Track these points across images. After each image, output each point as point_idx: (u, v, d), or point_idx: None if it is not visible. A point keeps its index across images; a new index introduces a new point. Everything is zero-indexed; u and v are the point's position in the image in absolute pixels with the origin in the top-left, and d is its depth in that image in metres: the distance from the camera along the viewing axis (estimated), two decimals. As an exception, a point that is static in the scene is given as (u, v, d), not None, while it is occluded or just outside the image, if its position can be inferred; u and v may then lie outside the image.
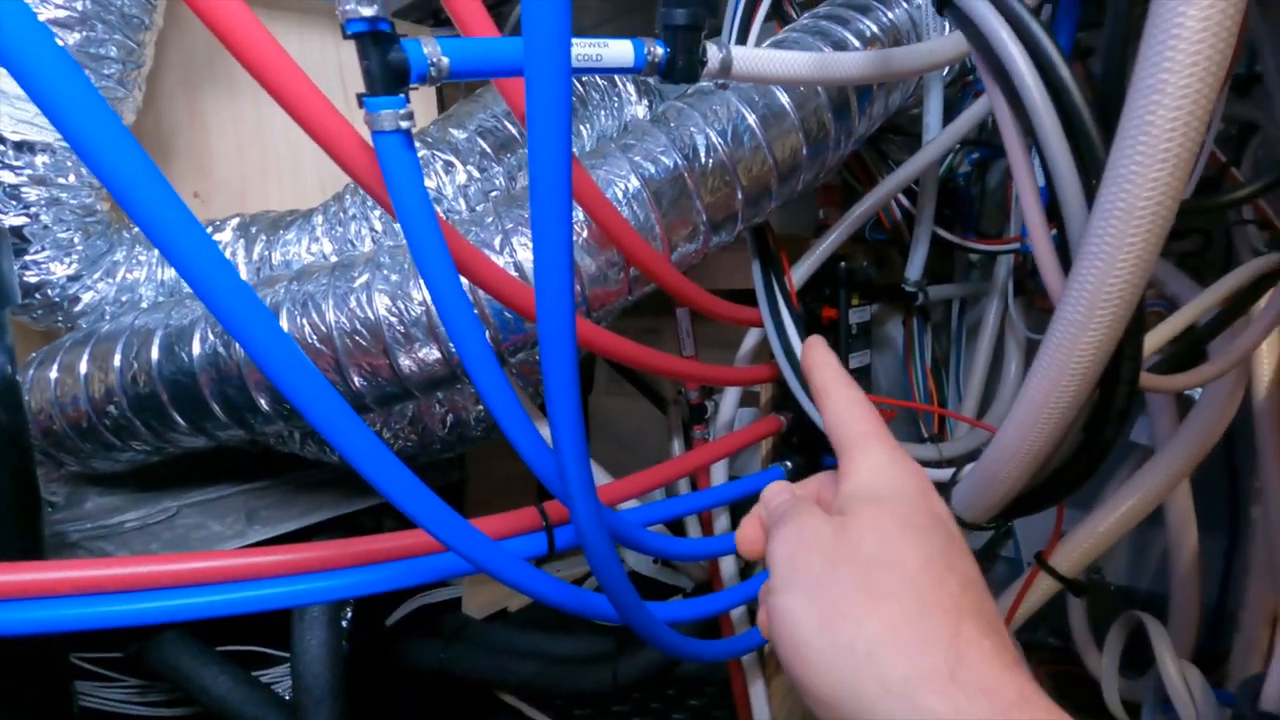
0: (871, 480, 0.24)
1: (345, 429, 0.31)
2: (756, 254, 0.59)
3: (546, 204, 0.28)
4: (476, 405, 0.64)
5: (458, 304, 0.35)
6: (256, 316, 0.27)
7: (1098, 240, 0.21)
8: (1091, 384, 0.24)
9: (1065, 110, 0.23)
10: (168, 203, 0.25)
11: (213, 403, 0.49)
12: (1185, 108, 0.19)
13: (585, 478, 0.37)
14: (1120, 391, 0.25)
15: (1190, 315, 0.32)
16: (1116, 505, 0.42)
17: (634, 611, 0.44)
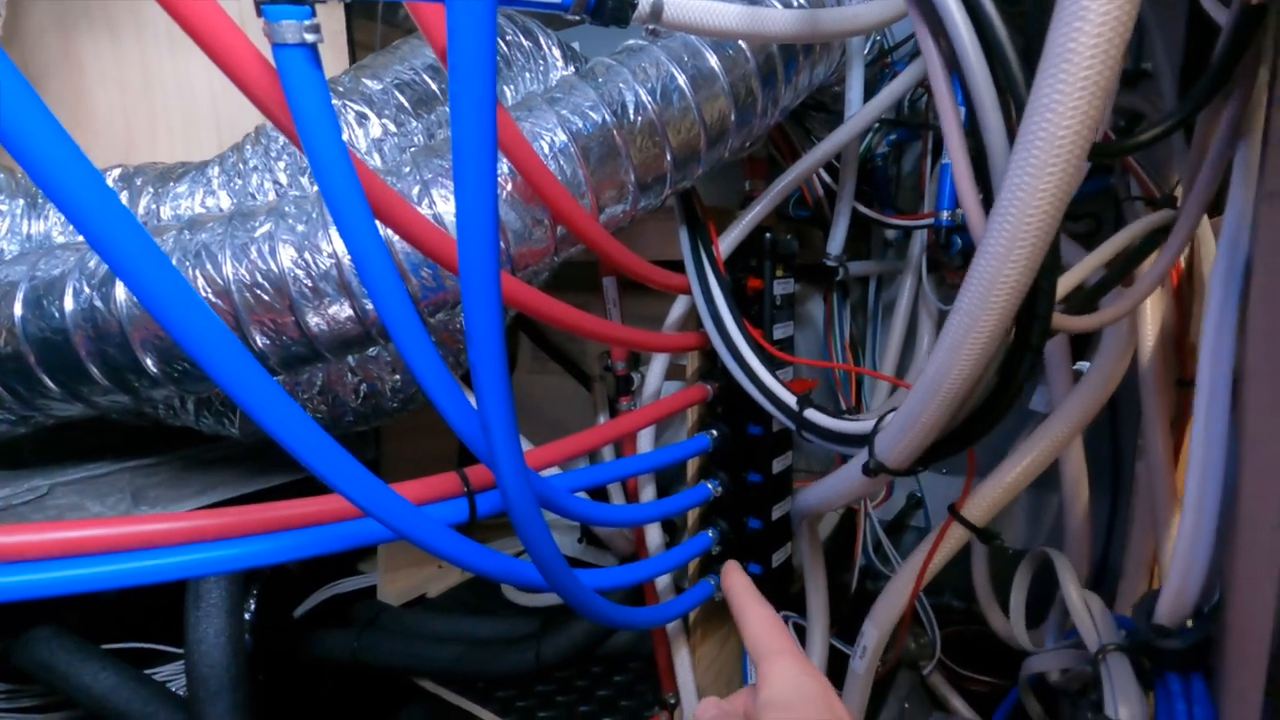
0: (783, 690, 0.29)
1: (251, 382, 0.28)
2: (684, 220, 0.59)
3: (469, 144, 0.27)
4: (393, 374, 0.61)
5: (373, 249, 0.32)
6: (151, 260, 0.25)
7: (1020, 170, 0.22)
8: (1010, 318, 0.25)
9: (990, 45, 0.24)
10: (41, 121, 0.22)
11: (89, 364, 0.44)
12: (1104, 34, 0.20)
13: (511, 436, 0.36)
14: (1035, 329, 0.25)
15: (1082, 273, 0.34)
16: (1019, 459, 0.44)
17: (562, 578, 0.43)
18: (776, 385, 0.50)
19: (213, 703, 0.58)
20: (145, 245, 0.24)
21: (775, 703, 0.28)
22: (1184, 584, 0.23)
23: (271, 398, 0.29)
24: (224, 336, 0.27)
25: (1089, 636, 0.26)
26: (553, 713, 0.78)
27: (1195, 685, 0.24)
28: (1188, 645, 0.23)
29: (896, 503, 1.02)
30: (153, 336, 0.43)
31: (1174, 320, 0.52)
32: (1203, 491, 0.23)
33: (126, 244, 0.24)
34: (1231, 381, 0.24)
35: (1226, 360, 0.24)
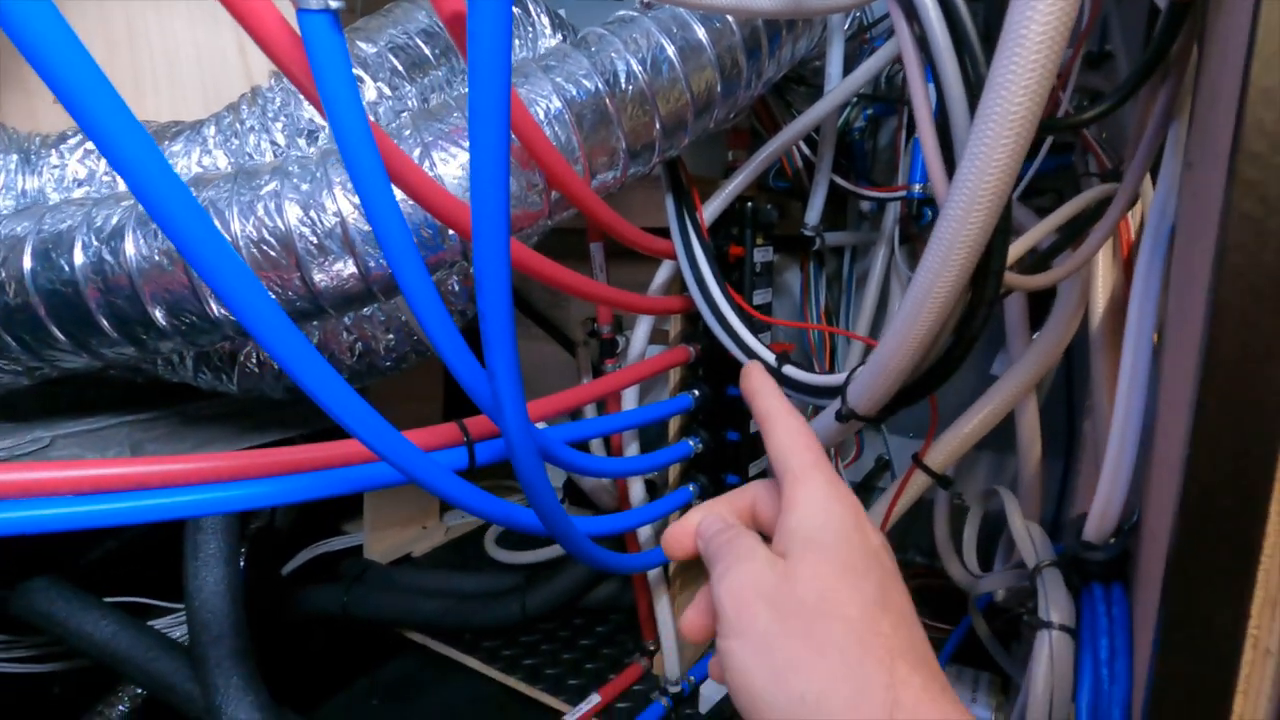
0: (813, 517, 0.26)
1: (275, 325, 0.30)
2: (670, 188, 0.61)
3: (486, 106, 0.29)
4: (386, 334, 0.63)
5: (388, 208, 0.34)
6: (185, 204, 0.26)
7: (978, 141, 0.25)
8: (968, 273, 0.28)
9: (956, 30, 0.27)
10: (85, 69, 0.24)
11: (99, 316, 0.45)
12: (1051, 25, 0.23)
13: (516, 390, 0.38)
14: (989, 283, 0.29)
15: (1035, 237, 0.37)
16: (977, 411, 0.48)
17: (559, 522, 0.46)
18: (757, 344, 0.54)
19: (214, 647, 0.61)
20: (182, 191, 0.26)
21: (803, 534, 0.26)
22: (1108, 505, 0.27)
23: (294, 340, 0.31)
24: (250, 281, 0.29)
25: (1029, 557, 0.29)
26: (537, 660, 0.82)
27: (1115, 591, 0.28)
28: (1109, 557, 0.27)
29: (865, 465, 1.07)
30: (162, 290, 0.44)
31: (1122, 287, 0.56)
32: (1126, 423, 0.26)
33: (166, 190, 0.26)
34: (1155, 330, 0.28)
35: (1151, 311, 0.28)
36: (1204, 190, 0.23)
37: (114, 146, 0.24)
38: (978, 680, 0.61)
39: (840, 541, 0.25)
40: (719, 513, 0.31)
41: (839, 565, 0.25)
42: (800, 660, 0.23)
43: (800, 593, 0.24)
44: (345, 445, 0.42)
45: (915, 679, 0.22)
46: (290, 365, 0.31)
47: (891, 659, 0.22)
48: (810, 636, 0.23)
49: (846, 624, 0.23)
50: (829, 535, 0.25)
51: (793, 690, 0.22)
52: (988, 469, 1.00)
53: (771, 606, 0.24)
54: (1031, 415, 0.57)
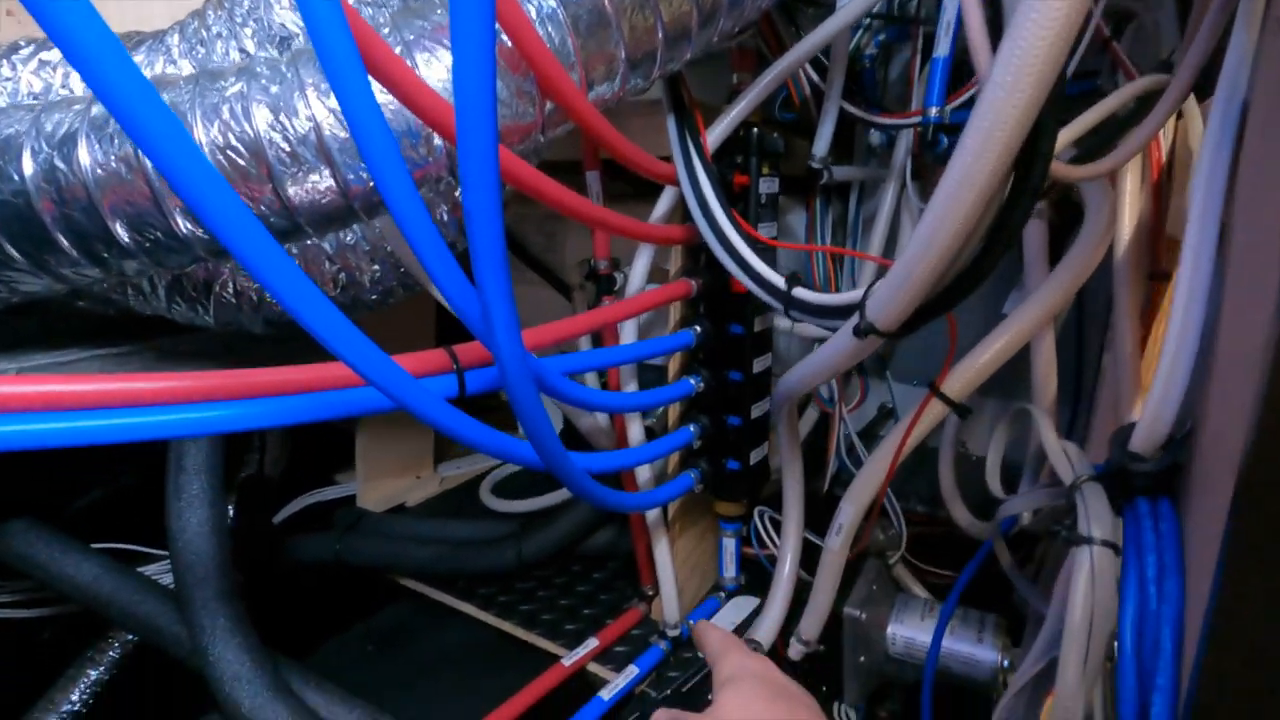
0: (730, 669, 0.36)
1: (251, 236, 0.27)
2: (672, 108, 0.58)
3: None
4: (371, 265, 0.60)
5: (366, 105, 0.31)
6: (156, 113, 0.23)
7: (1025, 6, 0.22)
8: (1013, 153, 0.25)
9: None
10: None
11: (55, 231, 0.42)
12: None
13: (509, 313, 0.35)
14: (1036, 168, 0.26)
15: (1073, 133, 0.34)
16: (996, 338, 0.45)
17: (556, 455, 0.44)
18: (765, 268, 0.51)
19: (200, 588, 0.59)
20: (145, 88, 0.23)
21: (723, 681, 0.36)
22: (1159, 413, 0.24)
23: (272, 252, 0.28)
24: (224, 189, 0.26)
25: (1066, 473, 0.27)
26: (533, 606, 0.81)
27: (1162, 506, 0.26)
28: (1159, 469, 0.25)
29: (868, 413, 1.05)
30: (123, 202, 0.41)
31: (1151, 213, 0.53)
32: (1185, 324, 0.24)
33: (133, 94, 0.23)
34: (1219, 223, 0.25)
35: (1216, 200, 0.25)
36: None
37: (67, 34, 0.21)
38: (984, 621, 0.60)
39: (752, 679, 0.35)
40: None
41: (755, 694, 0.34)
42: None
43: (725, 715, 0.33)
44: (332, 368, 0.39)
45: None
46: (269, 280, 0.28)
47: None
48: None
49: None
50: (741, 675, 0.36)
51: None
52: (994, 415, 0.98)
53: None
54: (1048, 350, 0.55)
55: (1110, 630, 0.25)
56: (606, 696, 0.62)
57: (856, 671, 0.61)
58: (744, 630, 0.68)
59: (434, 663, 0.76)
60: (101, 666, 0.75)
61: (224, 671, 0.56)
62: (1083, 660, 0.23)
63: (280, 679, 0.58)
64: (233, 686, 0.56)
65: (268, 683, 0.57)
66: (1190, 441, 0.25)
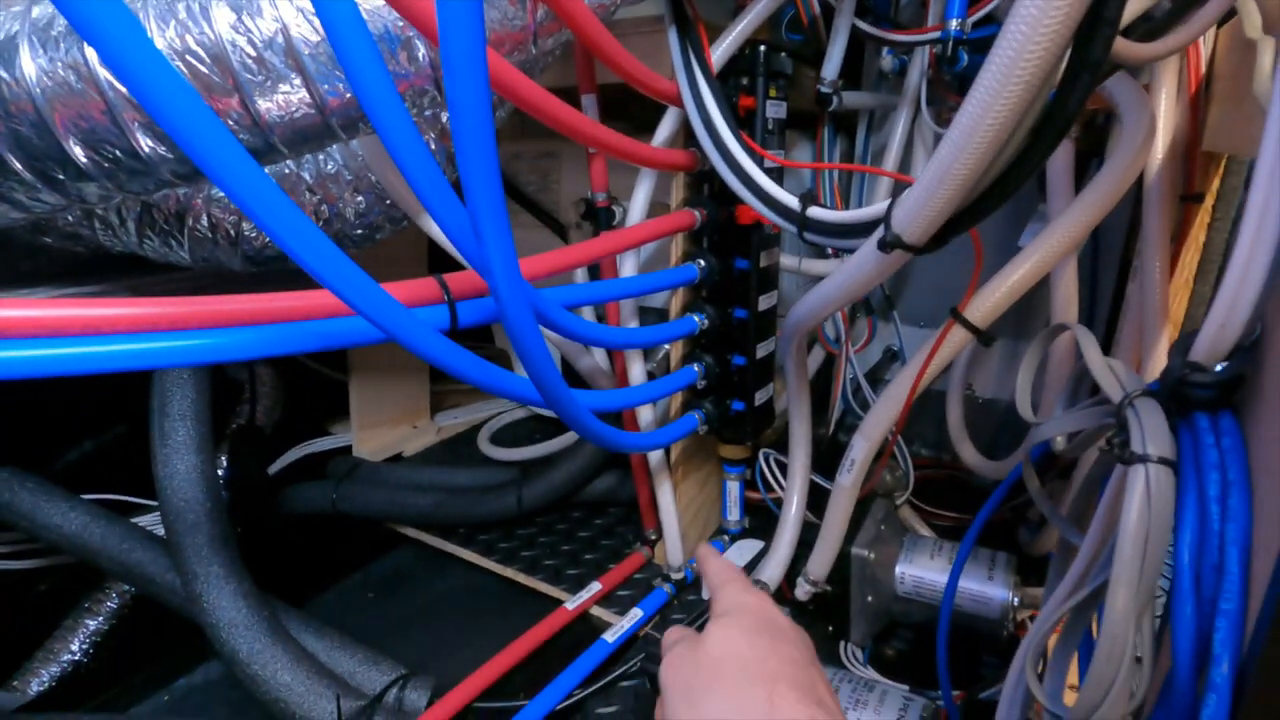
0: (727, 603, 0.37)
1: (222, 147, 0.24)
2: (674, 20, 0.53)
3: None
4: (355, 196, 0.56)
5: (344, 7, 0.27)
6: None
7: None
8: (1075, 23, 0.22)
9: None
10: None
11: (7, 154, 0.38)
12: None
13: (504, 235, 0.32)
14: (1101, 34, 0.22)
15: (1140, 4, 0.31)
16: (1021, 262, 0.43)
17: (557, 389, 0.41)
18: (776, 189, 0.47)
19: (191, 535, 0.57)
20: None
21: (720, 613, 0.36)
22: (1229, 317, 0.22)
23: (247, 169, 0.25)
24: (189, 94, 0.23)
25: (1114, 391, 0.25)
26: (535, 552, 0.80)
27: (1224, 421, 0.24)
28: (1224, 379, 0.22)
29: (872, 356, 1.03)
30: (75, 117, 0.37)
31: (1188, 129, 0.49)
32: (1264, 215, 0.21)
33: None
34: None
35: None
36: None
37: None
38: (994, 559, 0.58)
39: (743, 614, 0.35)
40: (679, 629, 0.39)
41: (741, 627, 0.34)
42: (706, 690, 0.32)
43: (710, 647, 0.34)
44: (318, 296, 0.36)
45: (791, 694, 0.30)
46: (246, 199, 0.25)
47: (773, 683, 0.31)
48: (716, 673, 0.32)
49: (740, 662, 0.33)
50: (737, 611, 0.36)
51: (700, 712, 0.31)
52: (1002, 357, 0.95)
53: (691, 661, 0.34)
54: (1070, 281, 0.52)
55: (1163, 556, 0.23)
56: (611, 639, 0.62)
57: (864, 611, 0.60)
58: (749, 573, 0.67)
59: (435, 609, 0.75)
60: (100, 616, 0.74)
61: (220, 618, 0.55)
62: (1135, 586, 0.21)
63: (278, 624, 0.57)
64: (230, 633, 0.55)
65: (265, 629, 0.55)
66: (1258, 350, 0.23)
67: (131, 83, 0.22)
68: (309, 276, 0.29)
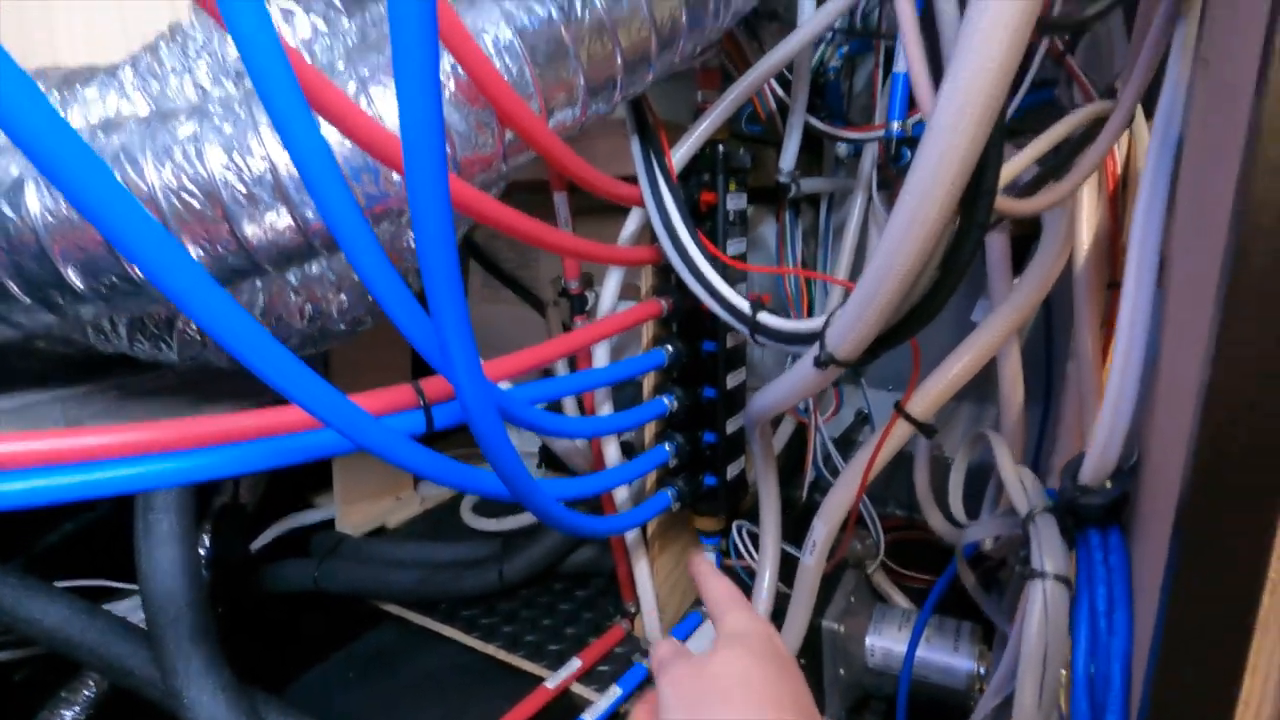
0: (733, 627, 0.36)
1: (193, 284, 0.27)
2: (636, 129, 0.58)
3: (410, 31, 0.25)
4: (338, 294, 0.59)
5: (313, 148, 0.31)
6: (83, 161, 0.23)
7: (969, 35, 0.22)
8: (958, 191, 0.25)
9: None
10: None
11: (6, 280, 0.41)
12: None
13: (468, 346, 0.35)
14: (981, 205, 0.26)
15: (1022, 162, 0.35)
16: (960, 356, 0.46)
17: (525, 486, 0.44)
18: (730, 292, 0.51)
19: (172, 628, 0.58)
20: (70, 140, 0.23)
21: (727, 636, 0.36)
22: (1107, 444, 0.25)
23: (217, 301, 0.28)
24: (161, 236, 0.26)
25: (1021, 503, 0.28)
26: (516, 628, 0.81)
27: (1112, 537, 0.26)
28: (1108, 501, 0.25)
29: (845, 419, 1.06)
30: (74, 248, 0.40)
31: (1108, 224, 0.54)
32: (1128, 356, 0.24)
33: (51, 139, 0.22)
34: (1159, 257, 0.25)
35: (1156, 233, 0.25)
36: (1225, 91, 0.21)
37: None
38: (959, 630, 0.60)
39: (752, 641, 0.35)
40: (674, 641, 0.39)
41: (751, 654, 0.34)
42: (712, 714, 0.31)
43: (719, 670, 0.34)
44: (291, 411, 0.39)
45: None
46: (214, 327, 0.28)
47: (780, 711, 0.31)
48: (723, 698, 0.32)
49: (747, 687, 0.32)
50: (744, 637, 0.35)
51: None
52: (968, 420, 0.99)
53: (697, 681, 0.33)
54: (1014, 361, 0.55)
55: (1060, 663, 0.25)
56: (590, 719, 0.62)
57: (836, 684, 0.61)
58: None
59: (418, 688, 0.75)
60: (76, 707, 0.74)
61: (199, 714, 0.55)
62: (1038, 696, 0.23)
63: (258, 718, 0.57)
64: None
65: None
66: (1138, 472, 0.26)
67: (95, 219, 0.24)
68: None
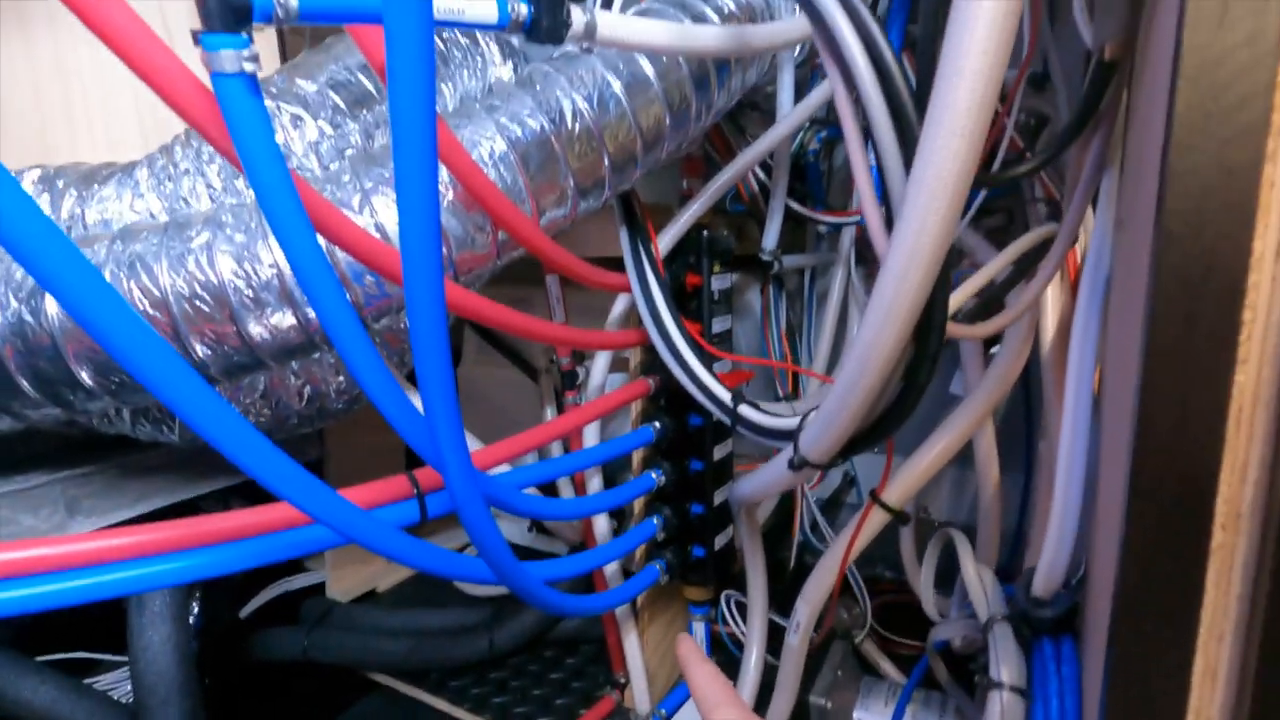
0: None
1: (191, 393, 0.29)
2: (624, 221, 0.61)
3: (410, 159, 0.28)
4: (336, 376, 0.61)
5: (316, 265, 0.33)
6: (76, 269, 0.25)
7: (912, 203, 0.25)
8: (910, 327, 0.28)
9: (890, 92, 0.27)
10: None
11: (20, 378, 0.43)
12: (978, 89, 0.22)
13: (458, 440, 0.37)
14: (933, 337, 0.29)
15: (988, 274, 0.38)
16: (933, 445, 0.48)
17: (512, 572, 0.45)
18: (713, 382, 0.53)
19: (162, 711, 0.58)
20: (69, 253, 0.24)
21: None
22: (1054, 559, 0.27)
23: (213, 408, 0.30)
24: (159, 347, 0.27)
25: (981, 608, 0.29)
26: (506, 698, 0.81)
27: (1065, 647, 0.28)
28: (1058, 614, 0.27)
29: (832, 481, 1.07)
30: (87, 350, 0.42)
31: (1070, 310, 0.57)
32: (1069, 474, 0.26)
33: (50, 253, 0.24)
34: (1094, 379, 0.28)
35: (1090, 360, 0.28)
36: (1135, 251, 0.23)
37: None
38: (945, 705, 0.61)
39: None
40: None
41: None
42: None
43: None
44: (282, 508, 0.40)
45: None
46: (207, 430, 0.30)
47: None
48: None
49: None
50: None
51: None
52: (952, 482, 1.00)
53: None
54: (988, 442, 0.57)
55: (1025, 768, 0.27)
56: (578, 799, 0.62)
57: (825, 761, 0.62)
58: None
59: (406, 763, 0.75)
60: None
61: (185, 798, 0.55)
62: (998, 804, 0.25)
63: (244, 801, 0.57)
64: (194, 812, 0.55)
65: (231, 807, 0.55)
66: (1085, 583, 0.28)
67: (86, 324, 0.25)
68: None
